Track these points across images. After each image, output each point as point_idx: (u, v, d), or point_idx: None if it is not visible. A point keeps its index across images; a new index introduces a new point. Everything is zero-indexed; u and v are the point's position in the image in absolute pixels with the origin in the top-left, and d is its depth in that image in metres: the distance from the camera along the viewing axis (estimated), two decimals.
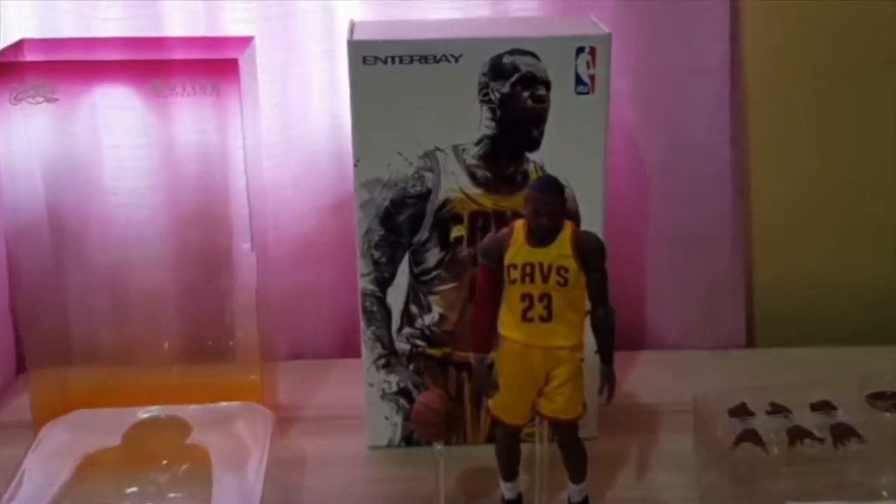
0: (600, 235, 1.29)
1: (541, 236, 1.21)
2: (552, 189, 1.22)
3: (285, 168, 1.75)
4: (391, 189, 1.44)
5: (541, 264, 1.21)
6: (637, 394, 1.68)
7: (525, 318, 1.23)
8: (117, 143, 1.43)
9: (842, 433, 1.29)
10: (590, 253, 1.22)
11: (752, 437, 1.30)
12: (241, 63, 1.36)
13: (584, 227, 1.34)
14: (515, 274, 1.22)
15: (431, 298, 1.50)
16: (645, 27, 1.65)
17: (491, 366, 1.29)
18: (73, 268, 1.50)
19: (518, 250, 1.23)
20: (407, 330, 1.52)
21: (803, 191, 1.81)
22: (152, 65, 1.37)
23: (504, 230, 1.26)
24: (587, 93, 1.40)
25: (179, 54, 1.40)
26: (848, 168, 1.79)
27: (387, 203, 1.45)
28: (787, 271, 1.85)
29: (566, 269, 1.21)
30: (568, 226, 1.23)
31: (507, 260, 1.23)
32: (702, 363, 1.80)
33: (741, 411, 1.36)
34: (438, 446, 1.29)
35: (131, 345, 1.55)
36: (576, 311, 1.24)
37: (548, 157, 1.41)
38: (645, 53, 1.69)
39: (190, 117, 1.40)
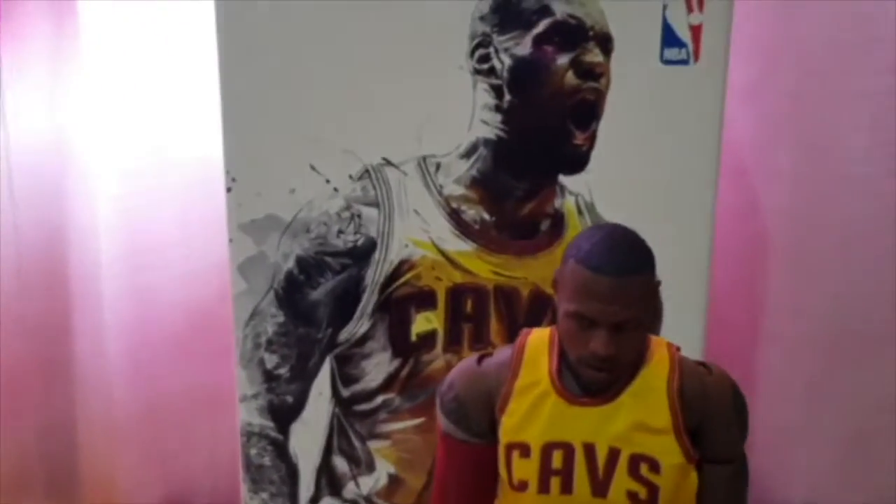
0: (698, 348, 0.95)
1: (595, 380, 0.71)
2: (629, 262, 0.69)
3: (159, 192, 1.35)
4: (298, 238, 1.02)
5: (591, 449, 0.71)
6: None
7: None
8: None
9: None
10: (714, 417, 0.71)
11: None
12: None
13: (674, 329, 0.94)
14: (527, 469, 0.71)
15: (374, 446, 1.07)
16: None
17: None
18: None
19: (534, 409, 0.72)
20: (328, 503, 1.08)
21: None
22: None
23: (500, 353, 0.75)
24: (685, 61, 0.97)
25: None
26: None
27: (290, 264, 1.03)
28: None
29: (655, 463, 0.70)
30: (660, 351, 0.73)
31: (507, 431, 0.72)
32: None
33: None
34: None
35: None
36: None
37: (603, 187, 1.00)
38: (770, 19, 1.33)
39: None
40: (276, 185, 0.99)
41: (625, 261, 0.68)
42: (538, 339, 0.73)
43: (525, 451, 0.71)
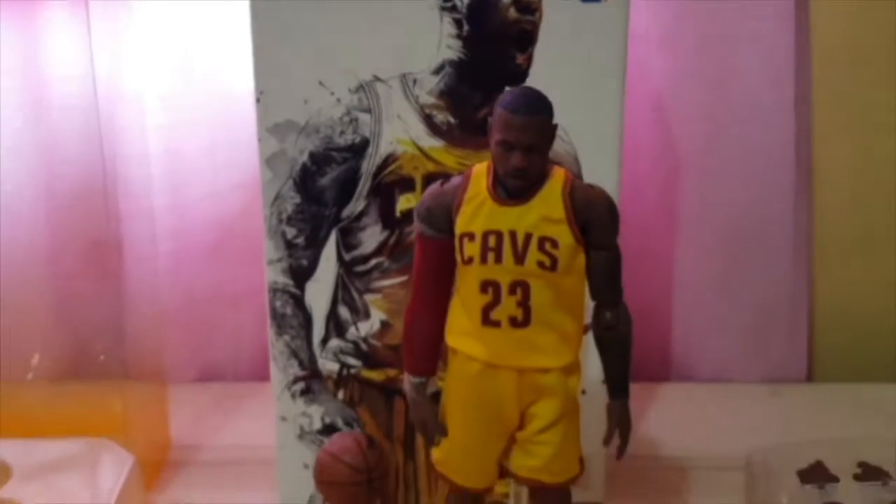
0: None
1: (514, 186, 0.95)
2: (534, 107, 0.93)
3: (193, 125, 1.54)
4: (311, 138, 1.19)
5: (513, 234, 0.94)
6: (660, 442, 1.41)
7: (488, 320, 0.95)
8: None
9: None
10: (595, 217, 0.95)
11: None
12: None
13: None
14: (472, 248, 0.95)
15: (369, 298, 1.24)
16: None
17: (436, 396, 1.02)
18: None
19: (477, 210, 0.95)
20: (335, 342, 1.25)
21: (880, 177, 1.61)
22: None
23: (455, 179, 1.00)
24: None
25: None
26: None
27: (304, 158, 1.20)
28: (857, 282, 1.65)
29: (555, 242, 0.93)
30: (558, 172, 0.96)
31: (460, 226, 0.96)
32: (748, 402, 1.57)
33: (818, 474, 1.07)
34: None
35: None
36: (570, 311, 0.96)
37: None
38: None
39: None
40: (293, 97, 1.18)
41: (532, 105, 0.92)
42: (480, 167, 0.98)
43: (471, 237, 0.95)
